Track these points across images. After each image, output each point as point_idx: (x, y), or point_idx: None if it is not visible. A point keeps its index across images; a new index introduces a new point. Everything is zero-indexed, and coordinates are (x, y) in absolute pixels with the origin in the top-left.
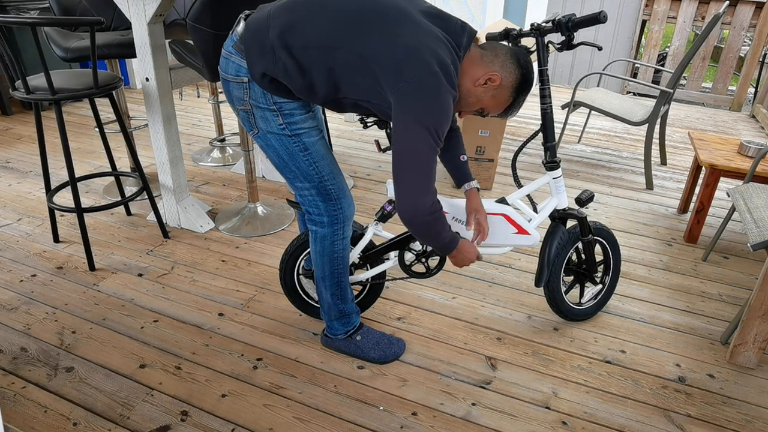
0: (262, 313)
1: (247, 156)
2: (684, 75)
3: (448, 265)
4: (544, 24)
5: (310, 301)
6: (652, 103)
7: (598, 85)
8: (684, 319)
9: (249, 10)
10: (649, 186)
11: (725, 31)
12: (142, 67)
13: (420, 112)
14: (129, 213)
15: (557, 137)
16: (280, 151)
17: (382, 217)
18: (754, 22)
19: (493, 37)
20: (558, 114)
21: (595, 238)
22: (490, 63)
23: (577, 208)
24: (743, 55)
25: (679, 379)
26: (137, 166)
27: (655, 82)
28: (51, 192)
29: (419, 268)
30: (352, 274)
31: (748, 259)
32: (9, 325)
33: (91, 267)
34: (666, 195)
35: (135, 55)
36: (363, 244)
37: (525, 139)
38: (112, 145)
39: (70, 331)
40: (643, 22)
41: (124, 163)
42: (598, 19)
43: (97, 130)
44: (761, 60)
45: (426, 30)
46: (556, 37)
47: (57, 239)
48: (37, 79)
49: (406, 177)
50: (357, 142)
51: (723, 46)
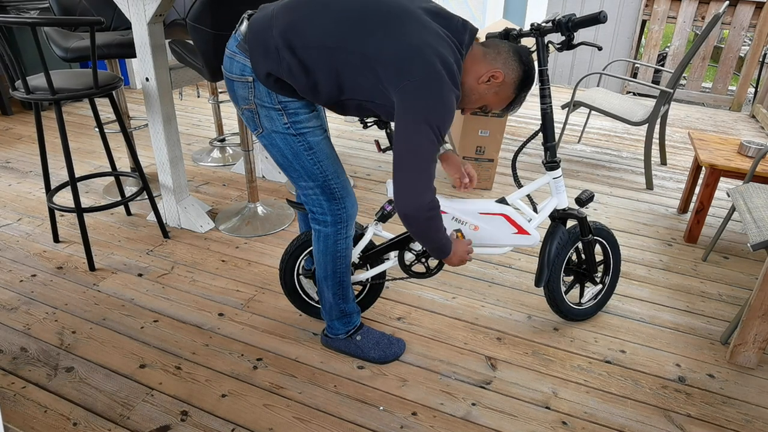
0: (262, 313)
1: (247, 156)
2: (684, 75)
3: (448, 265)
4: (544, 24)
5: (310, 301)
6: (652, 103)
7: (598, 85)
8: (684, 319)
9: (251, 10)
10: (649, 186)
11: (725, 31)
12: (142, 67)
13: (424, 109)
14: (129, 213)
15: (557, 137)
16: (284, 151)
17: (382, 217)
18: (754, 22)
19: (493, 37)
20: (558, 114)
21: (595, 238)
22: (493, 60)
23: (577, 208)
24: (743, 55)
25: (679, 379)
26: (137, 166)
27: (655, 82)
28: (51, 192)
29: (419, 268)
30: (352, 274)
31: (748, 259)
32: (9, 325)
33: (91, 267)
34: (666, 195)
35: (135, 55)
36: (363, 244)
37: (525, 139)
38: (112, 145)
39: (70, 331)
40: (643, 22)
41: (124, 163)
42: (598, 19)
43: (97, 130)
44: (761, 60)
45: (429, 29)
46: (556, 37)
47: (57, 239)
48: (37, 79)
49: (407, 173)
50: (357, 142)
51: (723, 46)
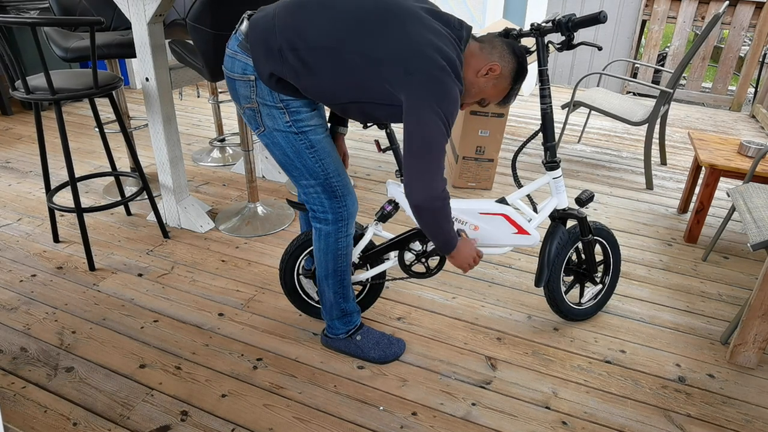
0: (262, 313)
1: (247, 156)
2: (684, 75)
3: (448, 265)
4: (544, 24)
5: (310, 301)
6: (652, 103)
7: (598, 85)
8: (684, 319)
9: (251, 11)
10: (649, 186)
11: (725, 31)
12: (142, 67)
13: (433, 103)
14: (129, 213)
15: (557, 137)
16: (286, 149)
17: (382, 217)
18: (754, 22)
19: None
20: (558, 114)
21: (595, 238)
22: (489, 54)
23: (577, 208)
24: (743, 55)
25: (679, 379)
26: (137, 166)
27: (655, 82)
28: (51, 192)
29: (419, 268)
30: (352, 274)
31: (748, 259)
32: (9, 325)
33: (91, 267)
34: (666, 195)
35: (135, 55)
36: (363, 244)
37: (525, 139)
38: (112, 145)
39: (70, 331)
40: (643, 22)
41: (124, 163)
42: (598, 19)
43: (97, 130)
44: (761, 60)
45: (430, 26)
46: (556, 37)
47: (57, 239)
48: (37, 79)
49: (420, 165)
50: (357, 142)
51: (723, 46)
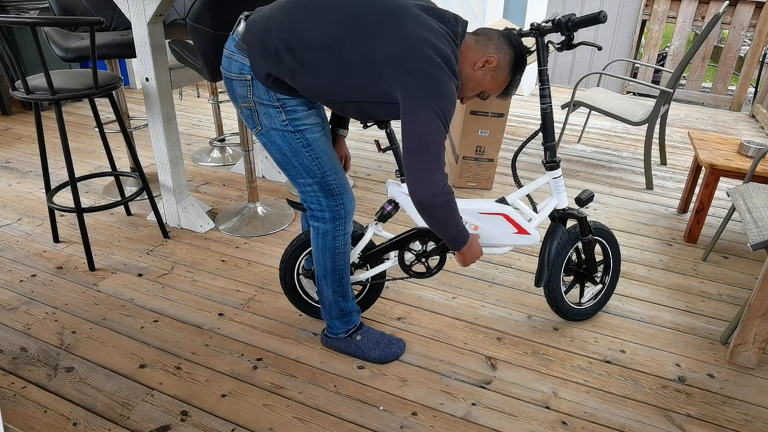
0: (262, 313)
1: (247, 156)
2: (684, 75)
3: (448, 265)
4: (544, 24)
5: (310, 301)
6: (652, 103)
7: (598, 85)
8: (684, 319)
9: (248, 11)
10: (649, 186)
11: (725, 31)
12: (142, 67)
13: (429, 100)
14: (129, 213)
15: (557, 137)
16: (283, 148)
17: (382, 217)
18: (754, 22)
19: None
20: (558, 114)
21: (595, 238)
22: (485, 46)
23: (577, 208)
24: (743, 55)
25: (679, 379)
26: (137, 166)
27: (655, 82)
28: (51, 192)
29: (419, 268)
30: (352, 274)
31: (748, 259)
32: (9, 325)
33: (91, 267)
34: (666, 195)
35: (135, 55)
36: (363, 244)
37: (525, 139)
38: (112, 145)
39: (70, 331)
40: (643, 22)
41: (124, 163)
42: (598, 19)
43: (97, 130)
44: (761, 60)
45: (425, 24)
46: (556, 37)
47: (57, 239)
48: (37, 79)
49: (419, 162)
50: (357, 142)
51: (723, 46)
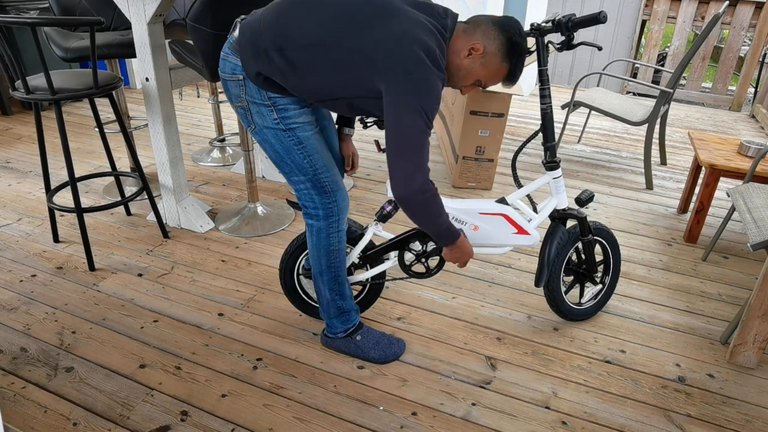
0: (262, 313)
1: (247, 156)
2: (684, 75)
3: (448, 265)
4: (544, 24)
5: (309, 301)
6: (652, 103)
7: (598, 85)
8: (684, 319)
9: (244, 15)
10: (649, 186)
11: (725, 31)
12: (142, 67)
13: (410, 97)
14: (129, 213)
15: (557, 137)
16: (276, 146)
17: (382, 217)
18: (754, 22)
19: None
20: (558, 114)
21: (594, 238)
22: (472, 34)
23: (576, 208)
24: (743, 55)
25: (679, 379)
26: (137, 166)
27: (655, 82)
28: (51, 192)
29: (419, 268)
30: (352, 274)
31: (748, 259)
32: (9, 325)
33: (91, 267)
34: (666, 195)
35: (135, 55)
36: (363, 244)
37: (525, 139)
38: (112, 145)
39: (70, 331)
40: (643, 22)
41: (124, 163)
42: (598, 19)
43: (97, 130)
44: (761, 60)
45: (411, 19)
46: (556, 37)
47: (57, 239)
48: (37, 79)
49: (399, 158)
50: (357, 143)
51: (723, 46)
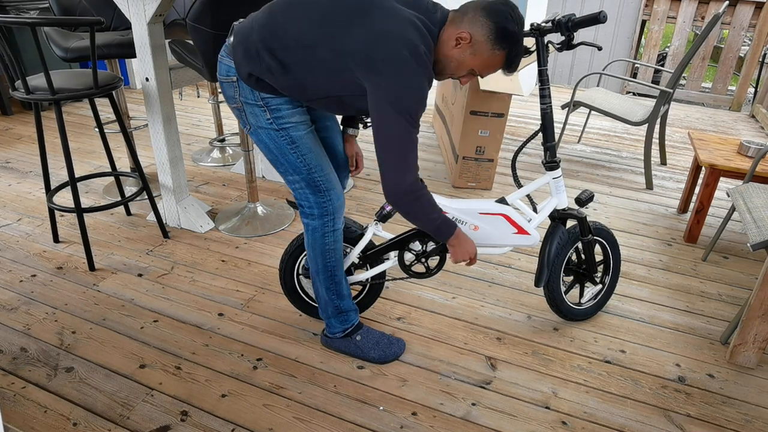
0: (262, 313)
1: (247, 156)
2: (684, 75)
3: (448, 265)
4: (544, 24)
5: (309, 301)
6: (652, 103)
7: (598, 85)
8: (684, 319)
9: (244, 16)
10: (649, 186)
11: (725, 31)
12: (142, 67)
13: (393, 97)
14: (129, 213)
15: (557, 137)
16: (270, 145)
17: (382, 217)
18: (754, 22)
19: None
20: (558, 114)
21: (594, 238)
22: (459, 23)
23: (576, 208)
24: (743, 55)
25: (679, 379)
26: (137, 166)
27: (655, 82)
28: (51, 192)
29: (419, 268)
30: (352, 274)
31: (748, 259)
32: (9, 325)
33: (91, 267)
34: (666, 195)
35: (135, 55)
36: (363, 244)
37: (525, 139)
38: (112, 145)
39: (70, 331)
40: (643, 22)
41: (124, 163)
42: (597, 19)
43: (97, 130)
44: (761, 60)
45: (396, 16)
46: (556, 37)
47: (57, 239)
48: (37, 79)
49: (385, 159)
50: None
51: (723, 46)
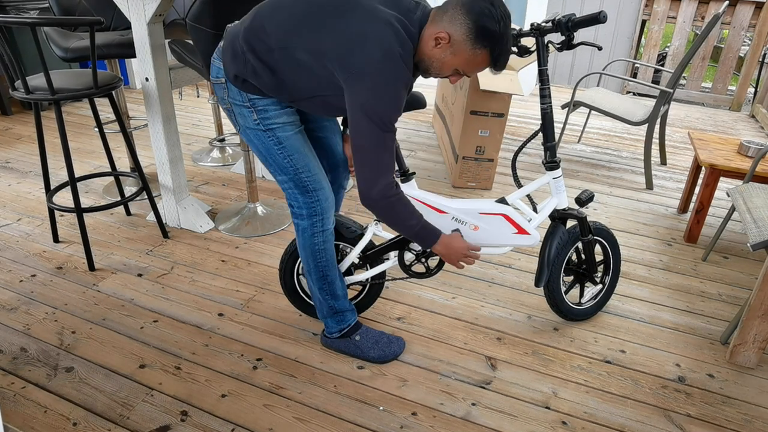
0: (261, 313)
1: (247, 156)
2: (684, 75)
3: (448, 265)
4: (544, 24)
5: (309, 301)
6: (652, 103)
7: (598, 85)
8: (684, 319)
9: (236, 21)
10: (649, 186)
11: (725, 31)
12: (141, 67)
13: (365, 101)
14: (129, 213)
15: (557, 137)
16: (258, 146)
17: None
18: (754, 22)
19: None
20: (558, 114)
21: (595, 238)
22: (439, 22)
23: (577, 208)
24: (743, 55)
25: (679, 379)
26: (137, 166)
27: (655, 82)
28: (51, 192)
29: (419, 268)
30: (352, 274)
31: (748, 259)
32: (9, 325)
33: (91, 267)
34: (666, 195)
35: (135, 55)
36: (363, 244)
37: (525, 139)
38: (111, 145)
39: (69, 331)
40: (643, 22)
41: (123, 163)
42: (597, 19)
43: (96, 130)
44: (761, 60)
45: (373, 16)
46: (556, 37)
47: (57, 239)
48: (36, 79)
49: (359, 163)
50: None
51: (723, 46)
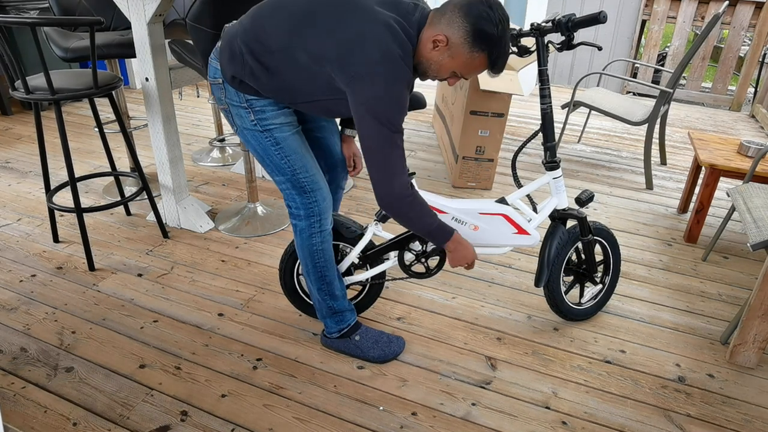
0: (261, 313)
1: (247, 156)
2: (684, 75)
3: (447, 266)
4: (544, 24)
5: (309, 301)
6: (652, 103)
7: (598, 85)
8: (684, 319)
9: (234, 21)
10: (649, 186)
11: (725, 31)
12: (141, 67)
13: (370, 105)
14: (129, 213)
15: (557, 137)
16: (255, 146)
17: (382, 217)
18: (754, 22)
19: None
20: (558, 114)
21: (594, 238)
22: (437, 24)
23: (576, 208)
24: (743, 55)
25: (679, 379)
26: (137, 166)
27: (655, 82)
28: (51, 192)
29: (419, 268)
30: (352, 274)
31: (748, 259)
32: (9, 325)
33: (91, 267)
34: (666, 195)
35: (135, 55)
36: (363, 244)
37: (525, 139)
38: (111, 145)
39: (69, 331)
40: (643, 22)
41: (123, 163)
42: (597, 19)
43: (96, 130)
44: (761, 60)
45: (371, 18)
46: (556, 37)
47: (57, 239)
48: (36, 79)
49: (372, 167)
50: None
51: (723, 46)
